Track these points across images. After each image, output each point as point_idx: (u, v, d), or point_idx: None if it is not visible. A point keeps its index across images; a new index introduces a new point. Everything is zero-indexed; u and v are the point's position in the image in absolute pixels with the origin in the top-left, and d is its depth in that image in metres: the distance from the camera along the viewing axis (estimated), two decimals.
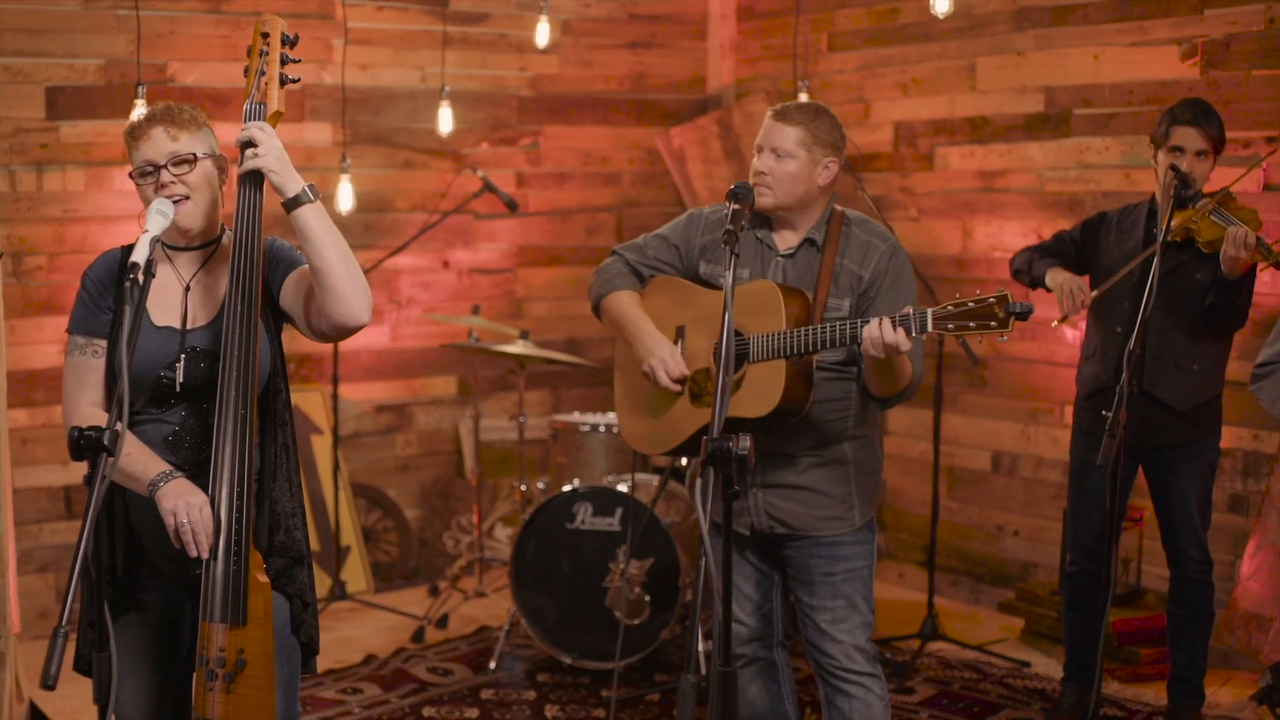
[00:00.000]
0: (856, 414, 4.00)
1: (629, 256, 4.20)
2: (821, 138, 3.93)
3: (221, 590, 3.20)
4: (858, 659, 4.01)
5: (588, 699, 5.52)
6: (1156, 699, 5.49)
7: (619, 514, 5.68)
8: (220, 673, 3.20)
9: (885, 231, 4.00)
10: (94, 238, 6.52)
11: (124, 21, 6.49)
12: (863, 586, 4.05)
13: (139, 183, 3.33)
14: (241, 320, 3.25)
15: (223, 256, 3.45)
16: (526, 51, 7.56)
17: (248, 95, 3.40)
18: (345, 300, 3.25)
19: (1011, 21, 6.77)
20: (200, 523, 3.14)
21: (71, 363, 3.38)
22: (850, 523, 4.04)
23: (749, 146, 7.77)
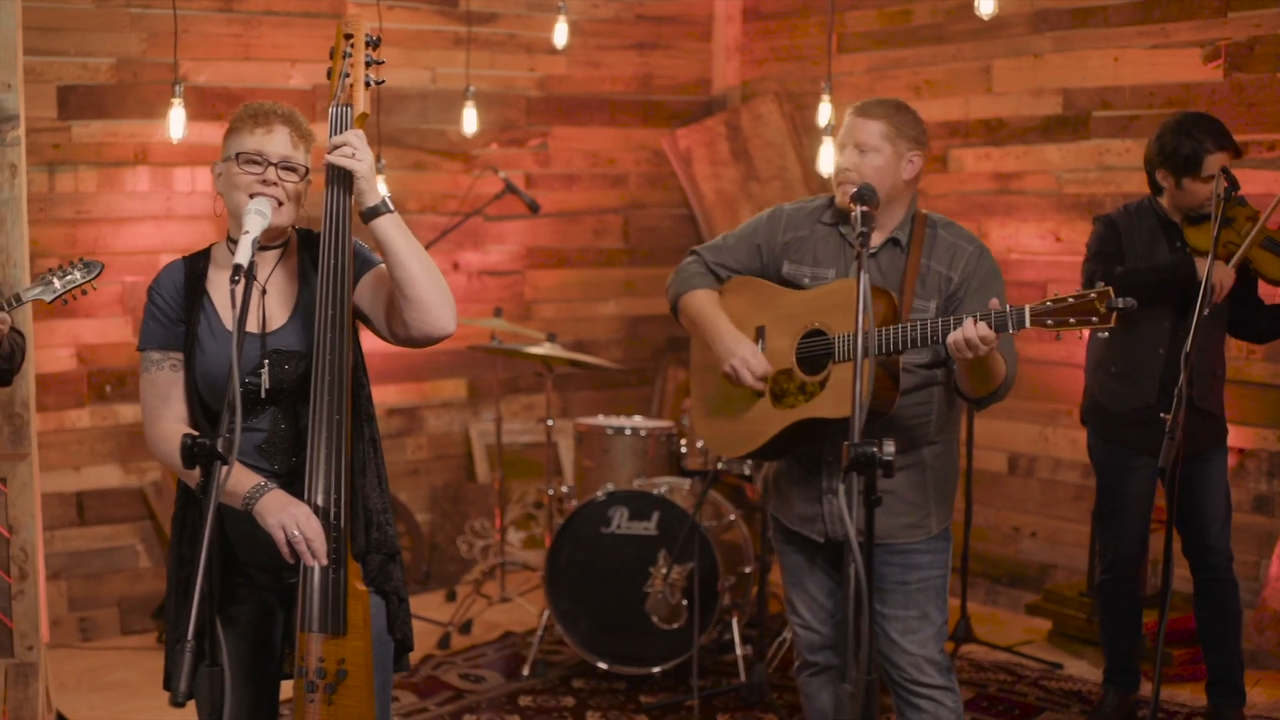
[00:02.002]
0: (938, 419, 3.92)
1: (707, 257, 4.12)
2: (905, 131, 3.87)
3: (320, 599, 3.13)
4: (929, 671, 3.92)
5: (627, 704, 5.47)
6: (1192, 699, 5.50)
7: (656, 518, 5.63)
8: (321, 684, 3.13)
9: (971, 234, 3.94)
10: (106, 239, 6.41)
11: (137, 20, 6.39)
12: (936, 596, 3.96)
13: (239, 169, 3.23)
14: (333, 324, 3.19)
15: (289, 254, 3.38)
16: (535, 52, 7.51)
17: (332, 97, 3.32)
18: (431, 310, 3.19)
19: (1029, 23, 6.77)
20: (313, 532, 3.08)
21: (150, 379, 3.30)
22: (926, 530, 3.94)
23: (757, 148, 7.75)
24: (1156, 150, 4.99)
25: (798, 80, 7.85)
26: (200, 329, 3.28)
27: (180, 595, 3.32)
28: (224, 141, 3.33)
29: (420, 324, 3.20)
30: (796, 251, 3.98)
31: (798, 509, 4.01)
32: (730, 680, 5.67)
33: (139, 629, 6.47)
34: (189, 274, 3.33)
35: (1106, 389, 5.18)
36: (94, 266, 4.28)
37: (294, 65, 6.81)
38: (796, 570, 4.09)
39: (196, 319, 3.28)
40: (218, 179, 3.33)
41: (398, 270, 3.16)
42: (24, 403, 5.14)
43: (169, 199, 6.56)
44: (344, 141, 3.20)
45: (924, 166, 3.95)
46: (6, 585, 5.15)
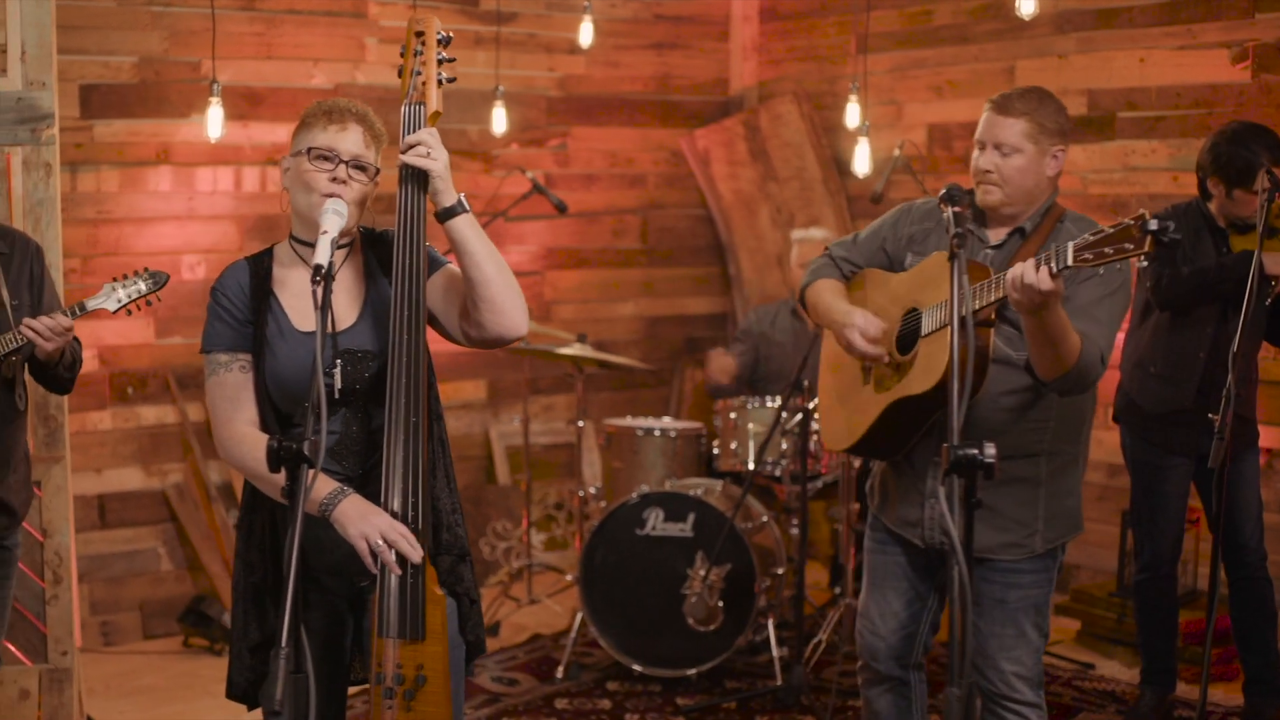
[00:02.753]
0: (1056, 427, 3.74)
1: (835, 252, 4.08)
2: (1047, 126, 3.69)
3: (398, 605, 3.09)
4: (1020, 688, 3.80)
5: (664, 707, 5.45)
6: (1226, 698, 5.50)
7: (692, 519, 5.60)
8: (399, 690, 3.10)
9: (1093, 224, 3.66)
10: (128, 240, 6.36)
11: (158, 18, 6.35)
12: (1035, 614, 3.81)
13: (310, 165, 3.19)
14: (408, 324, 3.14)
15: (354, 253, 3.34)
16: (555, 52, 7.48)
17: (404, 96, 3.29)
18: (505, 312, 3.16)
19: (1053, 24, 6.77)
20: (400, 539, 3.04)
21: (218, 382, 3.24)
22: (1030, 550, 3.77)
23: (776, 148, 7.73)
24: (1210, 159, 4.94)
25: (816, 80, 7.83)
26: (269, 330, 3.23)
27: (250, 602, 3.28)
28: (294, 137, 3.28)
29: (494, 325, 3.16)
30: (920, 244, 3.89)
31: (901, 511, 3.89)
32: (765, 682, 5.65)
33: (161, 633, 6.42)
34: (254, 274, 3.28)
35: (1146, 389, 5.17)
36: (160, 277, 4.23)
37: (316, 65, 6.77)
38: (881, 573, 3.98)
39: (264, 320, 3.23)
40: (285, 174, 3.28)
41: (473, 271, 3.13)
42: (58, 405, 5.10)
43: (191, 199, 6.52)
44: (419, 140, 3.17)
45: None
46: (40, 590, 5.09)
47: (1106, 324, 3.57)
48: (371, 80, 6.94)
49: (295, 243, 3.30)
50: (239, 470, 3.25)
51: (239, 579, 3.32)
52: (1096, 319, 3.56)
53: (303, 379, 3.16)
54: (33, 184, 4.99)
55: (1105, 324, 3.57)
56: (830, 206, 7.63)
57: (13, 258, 4.23)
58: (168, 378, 6.53)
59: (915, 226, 3.94)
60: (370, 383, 3.22)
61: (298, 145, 3.25)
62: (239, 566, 3.32)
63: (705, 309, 8.21)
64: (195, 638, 6.20)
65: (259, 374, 3.23)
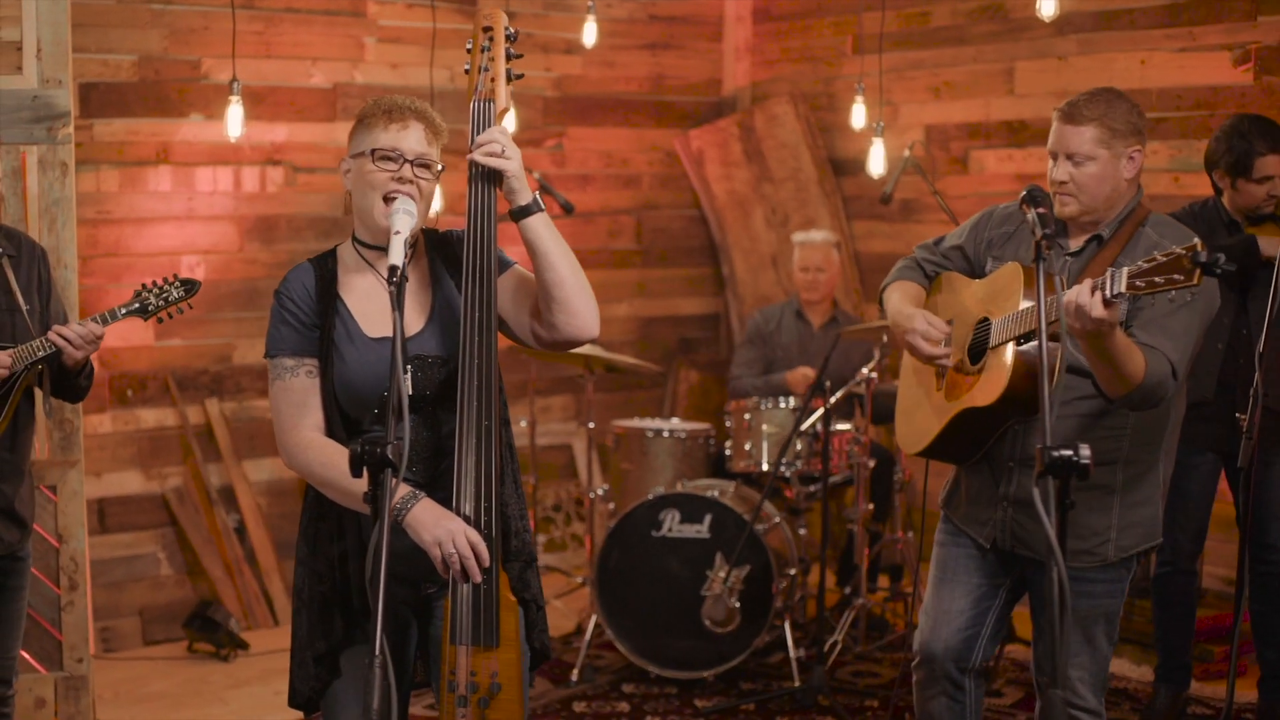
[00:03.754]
0: (1134, 435, 3.67)
1: (919, 254, 4.05)
2: (1119, 129, 3.64)
3: (472, 611, 3.06)
4: (1084, 694, 3.77)
5: (683, 709, 5.43)
6: (1237, 695, 5.52)
7: (708, 520, 5.59)
8: (473, 697, 3.07)
9: (1185, 234, 3.61)
10: (128, 240, 6.29)
11: (158, 16, 6.28)
12: (1105, 623, 3.77)
13: (374, 166, 3.14)
14: (479, 327, 3.10)
15: (419, 256, 3.30)
16: (552, 52, 7.45)
17: (472, 92, 3.25)
18: (579, 314, 3.13)
19: (1052, 26, 6.77)
20: (474, 545, 3.00)
21: (283, 386, 3.18)
22: (1101, 558, 3.72)
23: (771, 149, 7.73)
24: (1212, 151, 5.05)
25: (811, 81, 7.84)
26: (337, 335, 3.18)
27: (316, 612, 3.23)
28: (352, 138, 3.23)
29: (568, 327, 3.13)
30: (999, 248, 3.85)
31: (970, 509, 3.86)
32: (780, 683, 5.64)
33: (162, 638, 6.34)
34: (319, 277, 3.23)
35: None
36: (192, 285, 4.16)
37: (315, 64, 6.71)
38: (950, 567, 3.93)
39: (331, 324, 3.18)
40: (345, 176, 3.24)
41: (548, 272, 3.09)
42: (74, 409, 5.03)
43: (191, 199, 6.44)
44: (491, 139, 3.12)
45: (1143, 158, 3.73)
46: (55, 596, 5.03)
47: (1180, 336, 3.50)
48: (370, 80, 6.88)
49: (359, 245, 3.26)
50: (305, 476, 3.19)
51: (302, 588, 3.26)
52: (1169, 331, 3.48)
53: (373, 385, 3.13)
54: (48, 183, 4.93)
55: (1179, 337, 3.49)
56: (826, 207, 7.64)
57: (20, 260, 4.14)
58: (167, 380, 6.45)
59: (995, 231, 3.90)
60: (439, 388, 3.18)
61: (358, 146, 3.20)
62: (303, 575, 3.27)
63: (699, 310, 8.20)
64: (200, 643, 6.12)
65: (326, 379, 3.18)
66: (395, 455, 2.73)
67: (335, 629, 3.21)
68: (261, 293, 6.66)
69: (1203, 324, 3.59)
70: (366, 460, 2.73)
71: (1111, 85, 6.39)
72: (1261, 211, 4.99)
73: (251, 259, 6.64)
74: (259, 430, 6.69)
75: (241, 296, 6.60)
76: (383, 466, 2.73)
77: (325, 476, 3.09)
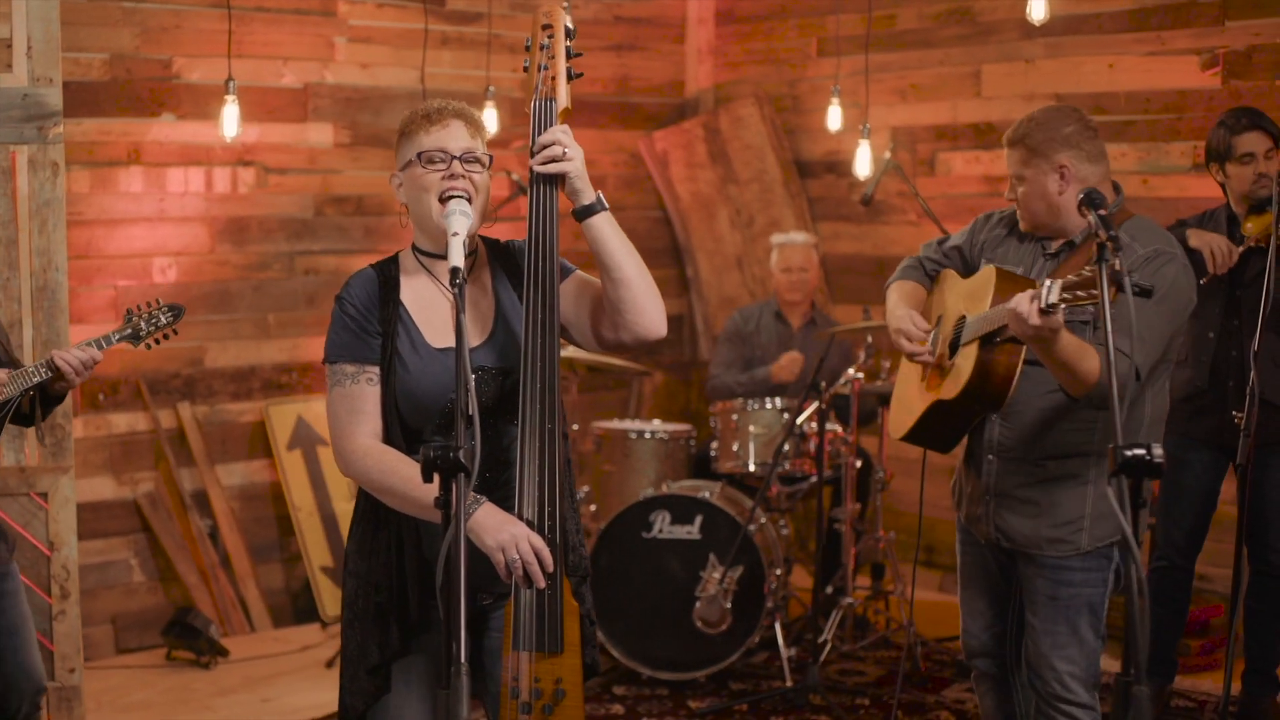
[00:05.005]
0: (1104, 427, 3.77)
1: (923, 252, 4.17)
2: (1039, 147, 3.76)
3: (537, 617, 3.04)
4: (1073, 688, 3.85)
5: (678, 710, 5.43)
6: (1214, 688, 5.63)
7: (699, 521, 5.60)
8: (537, 704, 3.05)
9: (1162, 237, 3.78)
10: (99, 242, 6.18)
11: (130, 14, 6.18)
12: (1089, 614, 3.86)
13: (423, 169, 3.12)
14: (542, 328, 3.07)
15: (480, 265, 3.27)
16: (519, 52, 7.39)
17: (532, 91, 3.22)
18: (646, 312, 3.11)
19: (1019, 29, 6.88)
20: (538, 550, 2.97)
21: (342, 393, 3.14)
22: (1075, 546, 3.82)
23: (736, 151, 7.76)
24: (1207, 145, 5.16)
25: (775, 83, 7.87)
26: (399, 343, 3.14)
27: (372, 623, 3.17)
28: (398, 150, 3.21)
29: (635, 326, 3.11)
30: (992, 251, 3.96)
31: (970, 507, 4.02)
32: (769, 683, 5.67)
33: (135, 646, 6.24)
34: (382, 283, 3.19)
35: None
36: (178, 310, 4.20)
37: (285, 63, 6.64)
38: (967, 573, 4.11)
39: (394, 331, 3.14)
40: (399, 190, 3.21)
41: (615, 271, 3.07)
42: (65, 413, 4.95)
43: (162, 200, 6.35)
44: (553, 140, 3.10)
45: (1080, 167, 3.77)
46: (47, 606, 4.94)
47: (1145, 338, 3.61)
48: (340, 80, 6.82)
49: (419, 254, 3.23)
50: (361, 483, 3.14)
51: (356, 599, 3.21)
52: (1133, 333, 3.54)
53: (436, 395, 3.10)
54: (39, 184, 4.85)
55: (1143, 338, 3.60)
56: (791, 209, 7.68)
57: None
58: (139, 384, 6.34)
59: (990, 233, 4.01)
60: (498, 400, 3.14)
61: (404, 156, 3.18)
62: (356, 586, 3.21)
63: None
64: (180, 650, 6.03)
65: (387, 388, 3.13)
66: (468, 458, 2.70)
67: (391, 641, 3.17)
68: (233, 295, 6.58)
69: (1172, 323, 3.73)
70: (439, 464, 2.69)
71: (1080, 88, 6.59)
72: (1258, 195, 5.03)
73: (223, 261, 6.55)
74: (231, 434, 6.61)
75: (213, 299, 6.51)
76: (455, 471, 2.70)
77: (385, 483, 3.06)
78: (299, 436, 6.71)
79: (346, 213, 6.93)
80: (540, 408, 3.05)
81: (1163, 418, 3.94)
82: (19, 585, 4.13)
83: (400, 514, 3.12)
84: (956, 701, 5.49)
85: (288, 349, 6.76)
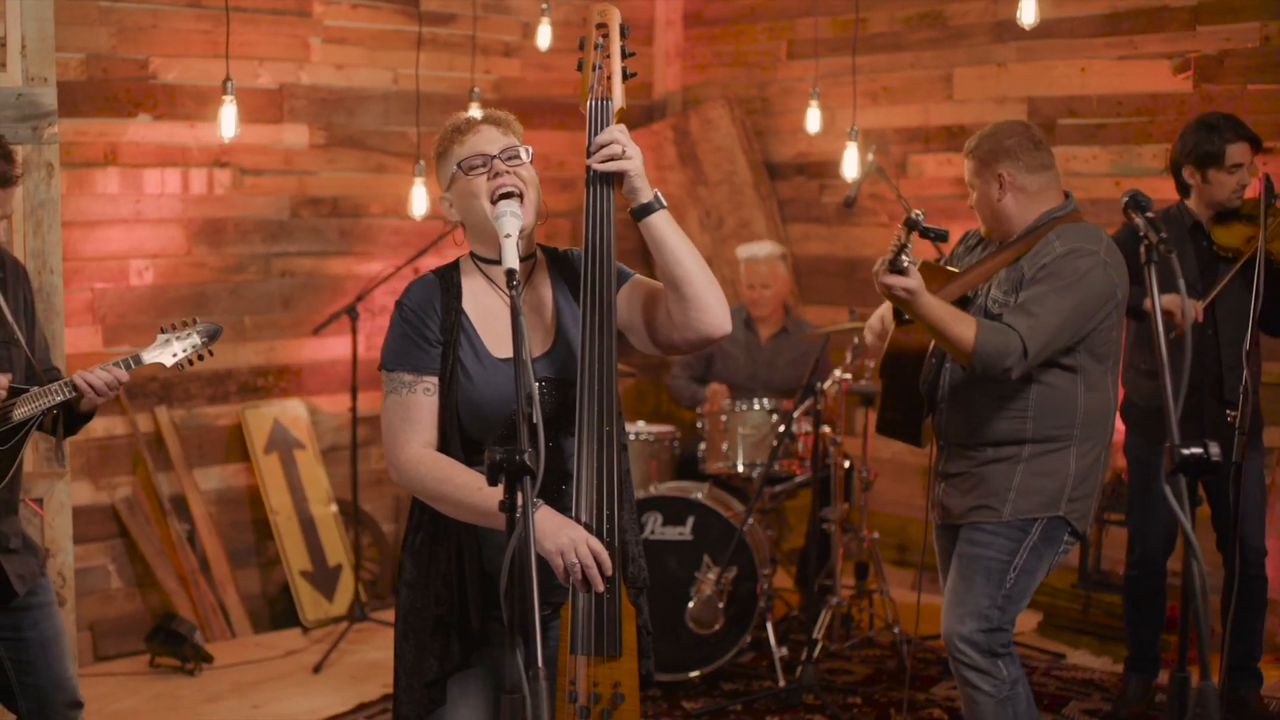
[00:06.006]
0: (1037, 416, 4.10)
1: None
2: (983, 158, 4.19)
3: (595, 621, 3.03)
4: (962, 649, 4.10)
5: (672, 711, 5.45)
6: (1195, 683, 5.71)
7: (691, 523, 5.62)
8: (595, 708, 3.05)
9: (1088, 238, 4.11)
10: (75, 244, 6.09)
11: (106, 14, 6.10)
12: (985, 579, 4.11)
13: (468, 177, 3.11)
14: (601, 330, 3.05)
15: (539, 271, 3.26)
16: (491, 54, 7.40)
17: (587, 91, 3.21)
18: (709, 310, 3.09)
19: (991, 33, 6.96)
20: (596, 554, 2.95)
21: (398, 401, 3.11)
22: (995, 513, 4.12)
23: (706, 153, 7.79)
24: (1180, 149, 5.22)
25: (744, 85, 7.91)
26: (462, 352, 3.11)
27: (430, 635, 3.14)
28: (439, 172, 3.21)
29: (699, 324, 3.09)
30: (961, 258, 4.46)
31: (930, 493, 4.34)
32: (760, 683, 5.70)
33: (114, 653, 6.16)
34: (444, 289, 3.16)
35: (1137, 386, 5.38)
36: (214, 329, 4.03)
37: (262, 64, 6.58)
38: (940, 561, 4.41)
39: (456, 340, 3.11)
40: (450, 209, 3.20)
41: (675, 268, 3.06)
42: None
43: (139, 201, 6.27)
44: (611, 139, 3.09)
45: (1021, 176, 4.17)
46: None
47: (1040, 318, 3.97)
48: (315, 80, 6.77)
49: (478, 260, 3.21)
50: (416, 491, 3.10)
51: (412, 611, 3.18)
52: (1029, 313, 3.97)
53: (500, 406, 3.07)
54: (34, 185, 4.78)
55: (1039, 318, 3.97)
56: (761, 210, 7.71)
57: (7, 283, 3.92)
58: None
59: (965, 243, 4.49)
60: (556, 411, 3.12)
61: (446, 173, 3.18)
62: (414, 598, 3.18)
63: None
64: (164, 657, 5.96)
65: (449, 398, 3.10)
66: (533, 462, 2.69)
67: (452, 654, 3.14)
68: (209, 297, 6.51)
69: (1079, 312, 4.04)
70: (506, 468, 2.66)
71: (1052, 91, 6.68)
72: (1230, 205, 5.15)
73: (199, 263, 6.48)
74: (208, 438, 6.54)
75: (190, 301, 6.44)
76: (521, 474, 2.68)
77: (440, 491, 3.03)
78: (275, 440, 6.66)
79: (322, 214, 6.88)
80: (598, 411, 3.04)
81: (1112, 412, 4.25)
82: (53, 598, 4.04)
83: (460, 525, 3.09)
84: (946, 699, 5.54)
85: (264, 352, 6.70)
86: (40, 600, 3.94)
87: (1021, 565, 4.14)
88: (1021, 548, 4.14)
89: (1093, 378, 4.16)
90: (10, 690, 3.91)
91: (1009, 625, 4.15)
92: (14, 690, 3.90)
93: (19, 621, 3.89)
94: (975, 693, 4.11)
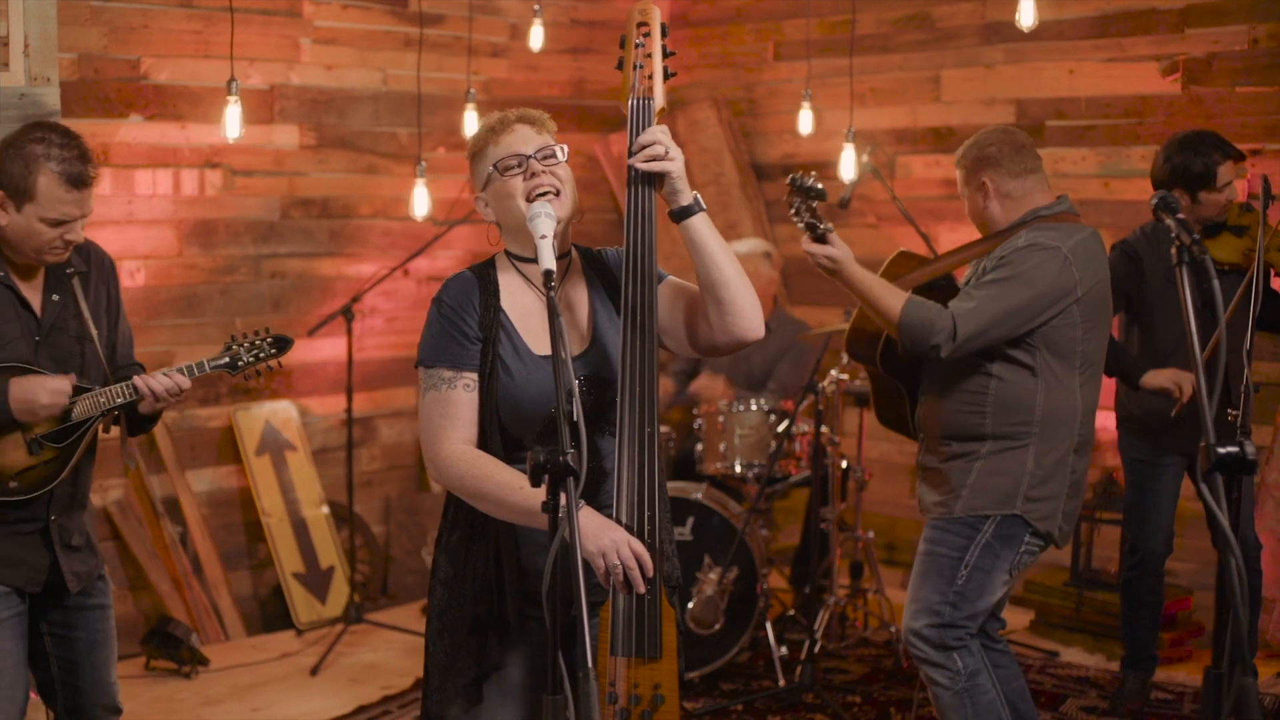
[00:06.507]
0: (995, 413, 4.19)
1: None
2: (967, 166, 4.35)
3: (635, 623, 3.03)
4: (915, 643, 4.23)
5: None
6: (1189, 679, 5.78)
7: (690, 523, 5.62)
8: (635, 710, 3.05)
9: (1056, 237, 4.19)
10: None
11: (98, 14, 6.05)
12: (938, 574, 4.21)
13: (503, 178, 3.11)
14: (642, 331, 3.05)
15: (574, 272, 3.26)
16: (479, 55, 7.38)
17: (628, 90, 3.21)
18: (745, 313, 3.11)
19: (979, 35, 7.00)
20: (638, 555, 2.94)
21: (437, 397, 3.10)
22: (947, 509, 4.23)
23: (693, 154, 7.81)
24: (1168, 171, 5.15)
25: (731, 87, 7.93)
26: (502, 349, 3.11)
27: (467, 636, 3.14)
28: (473, 172, 3.22)
29: (735, 327, 3.11)
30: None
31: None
32: (758, 683, 5.71)
33: None
34: (482, 286, 3.16)
35: (1135, 399, 5.40)
36: (284, 343, 3.90)
37: (252, 64, 6.54)
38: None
39: (496, 337, 3.11)
40: (485, 210, 3.20)
41: (713, 272, 3.07)
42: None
43: (130, 202, 6.23)
44: (653, 140, 3.09)
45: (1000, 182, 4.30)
46: None
47: (979, 303, 4.09)
48: (306, 81, 6.74)
49: (513, 258, 3.21)
50: (454, 489, 3.10)
51: (448, 609, 3.18)
52: (969, 296, 4.12)
53: (540, 404, 3.07)
54: None
55: (975, 301, 4.10)
56: (748, 211, 7.73)
57: (90, 277, 3.91)
58: None
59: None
60: (598, 411, 3.13)
61: (482, 174, 3.18)
62: (449, 597, 3.18)
63: None
64: (160, 660, 5.92)
65: (489, 395, 3.10)
66: (576, 462, 2.68)
67: (489, 654, 3.14)
68: (201, 298, 6.47)
69: (1025, 301, 4.12)
70: (549, 468, 2.67)
71: (1040, 93, 6.73)
72: (1217, 220, 5.19)
73: (190, 264, 6.44)
74: (200, 440, 6.50)
75: (181, 303, 6.40)
76: (565, 475, 2.68)
77: (480, 489, 3.03)
78: (267, 442, 6.63)
79: (312, 215, 6.85)
80: (639, 413, 3.04)
81: (1091, 411, 4.32)
82: (108, 602, 3.96)
83: (499, 523, 3.09)
84: None
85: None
86: (94, 602, 3.90)
87: (974, 563, 4.22)
88: (973, 545, 4.22)
89: (1056, 377, 4.21)
90: (51, 687, 3.88)
91: (965, 621, 4.20)
92: (54, 687, 3.87)
93: (71, 620, 3.85)
94: (933, 685, 4.24)
